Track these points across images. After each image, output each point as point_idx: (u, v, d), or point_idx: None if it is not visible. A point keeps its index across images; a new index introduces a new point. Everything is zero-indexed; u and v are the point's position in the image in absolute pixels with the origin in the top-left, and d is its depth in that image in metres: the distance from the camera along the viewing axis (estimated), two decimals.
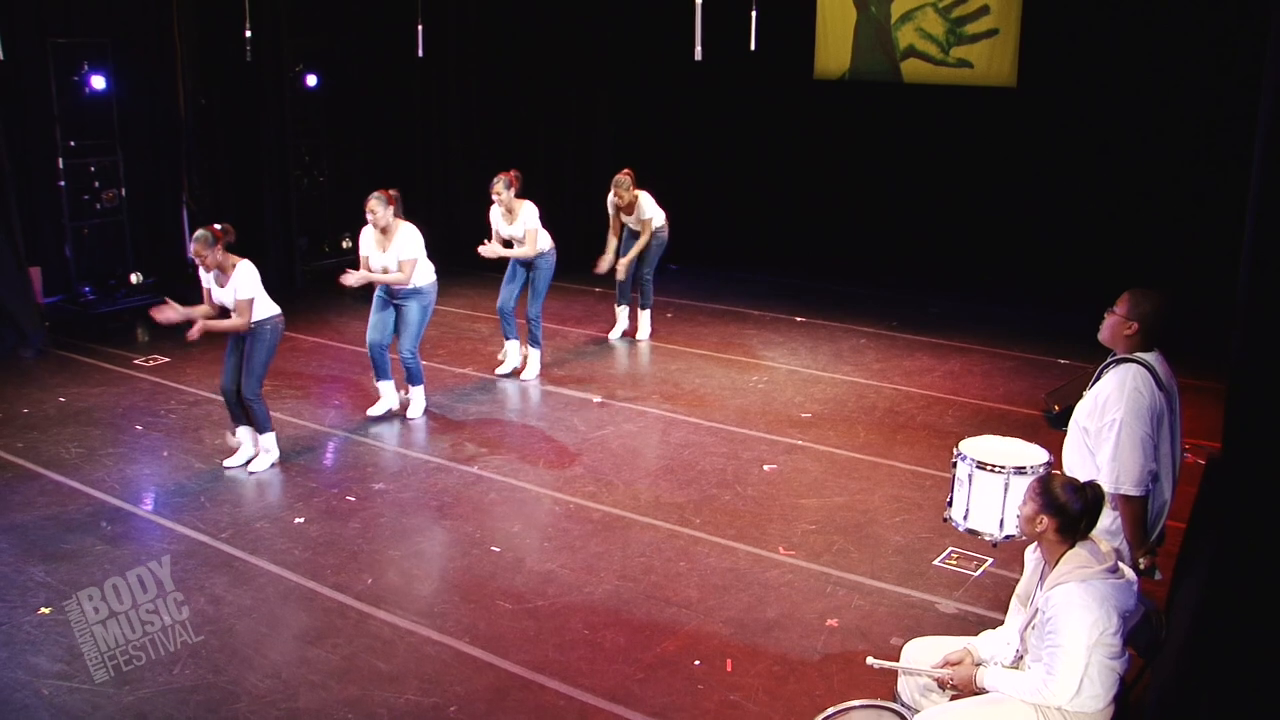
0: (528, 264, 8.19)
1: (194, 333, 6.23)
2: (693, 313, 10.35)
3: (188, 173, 11.14)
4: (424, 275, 7.28)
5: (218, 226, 6.23)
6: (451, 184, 12.46)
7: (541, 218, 8.12)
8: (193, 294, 6.30)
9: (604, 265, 9.09)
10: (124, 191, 10.79)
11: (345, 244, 11.74)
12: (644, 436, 7.21)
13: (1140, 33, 9.76)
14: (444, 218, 11.93)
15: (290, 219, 11.40)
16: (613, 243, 9.11)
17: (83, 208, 10.55)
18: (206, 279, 6.32)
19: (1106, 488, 3.69)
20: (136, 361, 8.73)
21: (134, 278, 10.73)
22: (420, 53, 9.16)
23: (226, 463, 6.62)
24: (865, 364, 8.78)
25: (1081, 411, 3.89)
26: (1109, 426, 3.73)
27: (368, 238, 7.21)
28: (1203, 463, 5.67)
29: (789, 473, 6.58)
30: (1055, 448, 4.25)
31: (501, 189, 7.95)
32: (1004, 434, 7.04)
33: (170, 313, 6.23)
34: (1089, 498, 3.35)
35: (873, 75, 11.32)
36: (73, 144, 10.36)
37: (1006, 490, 4.07)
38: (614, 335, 9.50)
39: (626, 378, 8.44)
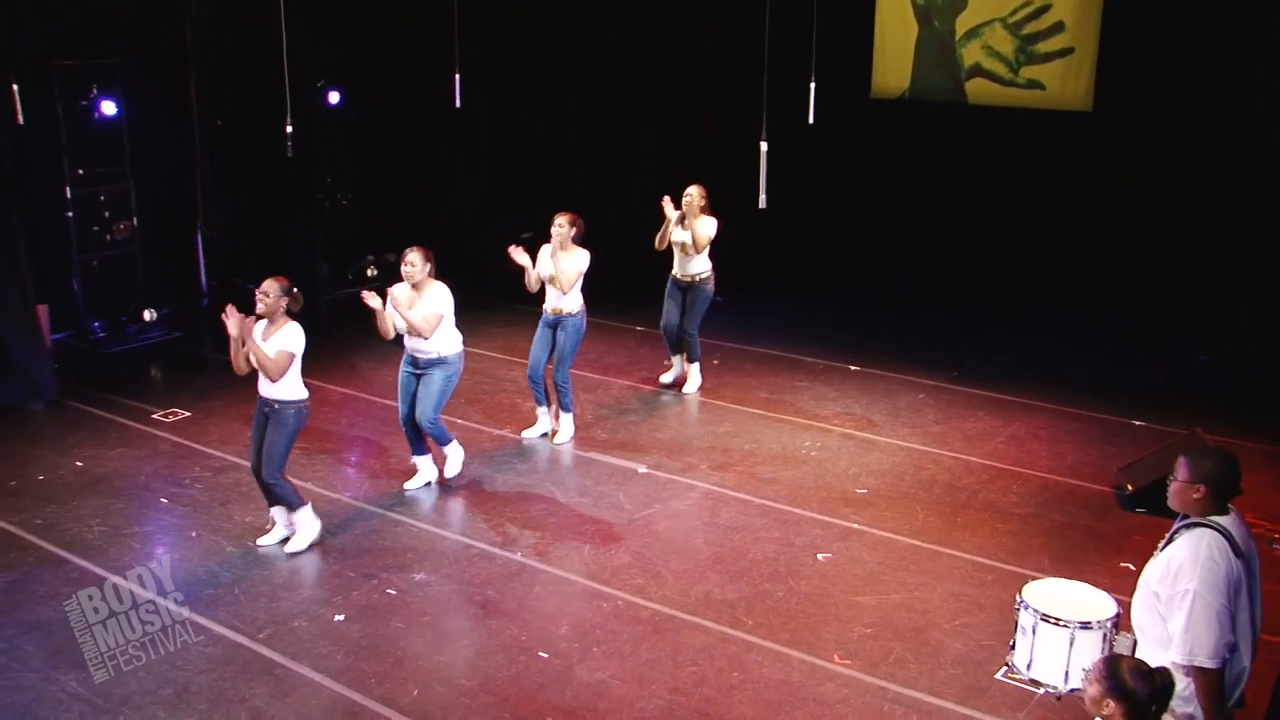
0: (555, 325, 8.59)
1: (233, 326, 6.63)
2: (740, 358, 10.69)
3: (203, 199, 11.59)
4: (450, 343, 7.66)
5: (290, 284, 6.74)
6: (483, 210, 12.84)
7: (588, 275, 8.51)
8: (204, 331, 6.48)
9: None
10: (136, 221, 11.22)
11: (370, 271, 12.16)
12: (692, 517, 7.58)
13: (1229, 53, 9.84)
14: (473, 246, 12.30)
15: (313, 245, 11.78)
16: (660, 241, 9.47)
17: (92, 239, 10.99)
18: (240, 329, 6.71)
19: (1179, 659, 3.96)
20: (155, 416, 9.19)
21: (148, 314, 11.17)
22: (458, 103, 9.52)
23: (260, 541, 7.06)
24: (924, 425, 9.09)
25: (1152, 574, 4.14)
26: (1182, 596, 3.95)
27: (399, 293, 7.60)
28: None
29: (844, 564, 6.94)
30: (1128, 532, 4.52)
31: (565, 225, 8.39)
32: (1071, 515, 7.46)
33: (234, 320, 6.65)
34: (1158, 684, 3.60)
35: (934, 95, 11.58)
36: (81, 173, 10.76)
37: (1072, 644, 4.40)
38: (666, 378, 9.92)
39: (672, 443, 8.79)
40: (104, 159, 10.92)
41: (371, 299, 7.42)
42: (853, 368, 10.43)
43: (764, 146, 6.71)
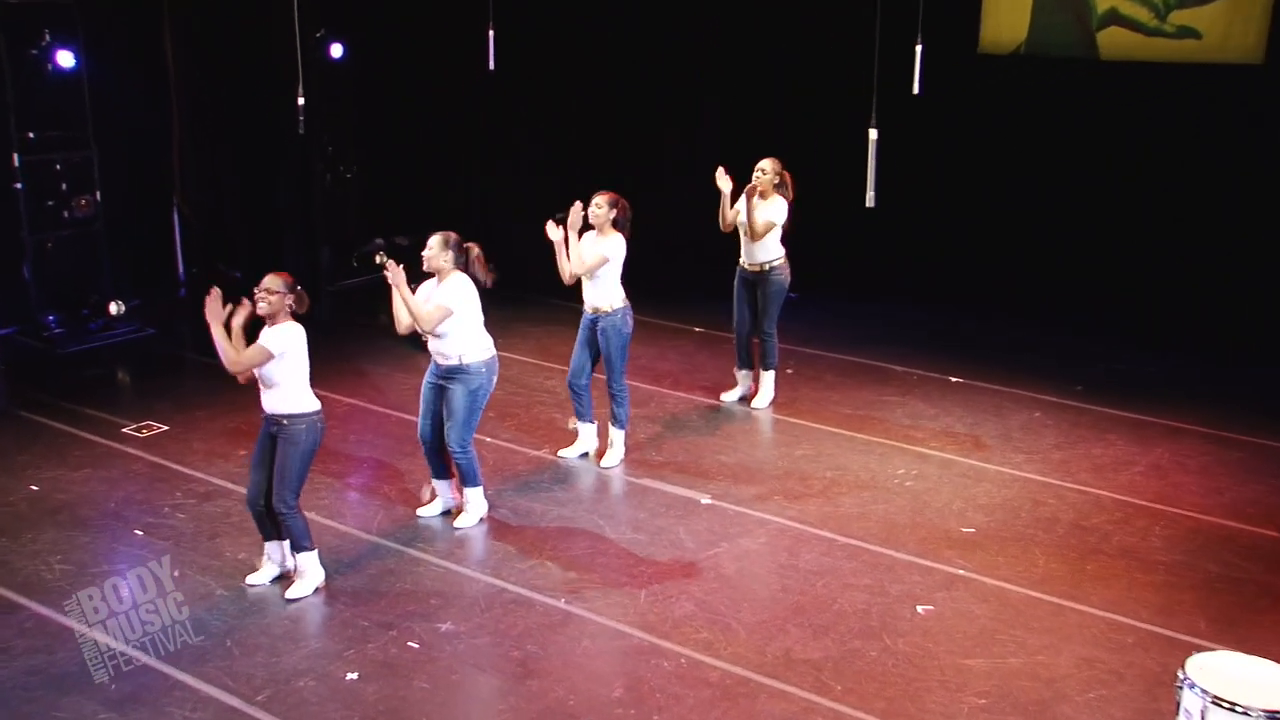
0: (595, 325, 8.68)
1: (211, 311, 6.76)
2: (820, 366, 10.74)
3: (180, 169, 11.78)
4: (472, 348, 7.69)
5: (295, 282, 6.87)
6: (514, 187, 12.95)
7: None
8: (182, 327, 6.54)
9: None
10: (99, 195, 11.39)
11: (379, 258, 12.28)
12: (766, 558, 7.63)
13: None
14: (500, 229, 12.41)
15: (311, 226, 11.95)
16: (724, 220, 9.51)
17: (46, 216, 11.17)
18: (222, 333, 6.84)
19: None
20: (126, 430, 9.35)
21: (113, 307, 11.36)
22: (491, 64, 9.64)
23: (250, 579, 7.18)
24: (1042, 451, 9.09)
25: None
26: None
27: (427, 290, 7.74)
28: None
29: (949, 618, 6.97)
30: None
31: (604, 205, 8.49)
32: (1231, 565, 7.44)
33: (216, 305, 6.78)
34: None
35: (1058, 49, 11.54)
36: (32, 136, 10.93)
37: None
38: (730, 397, 9.98)
39: (740, 467, 8.85)
40: (60, 120, 11.07)
41: (554, 231, 8.06)
42: (954, 379, 10.46)
43: (874, 134, 6.70)
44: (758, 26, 12.53)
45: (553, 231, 8.42)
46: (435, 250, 7.65)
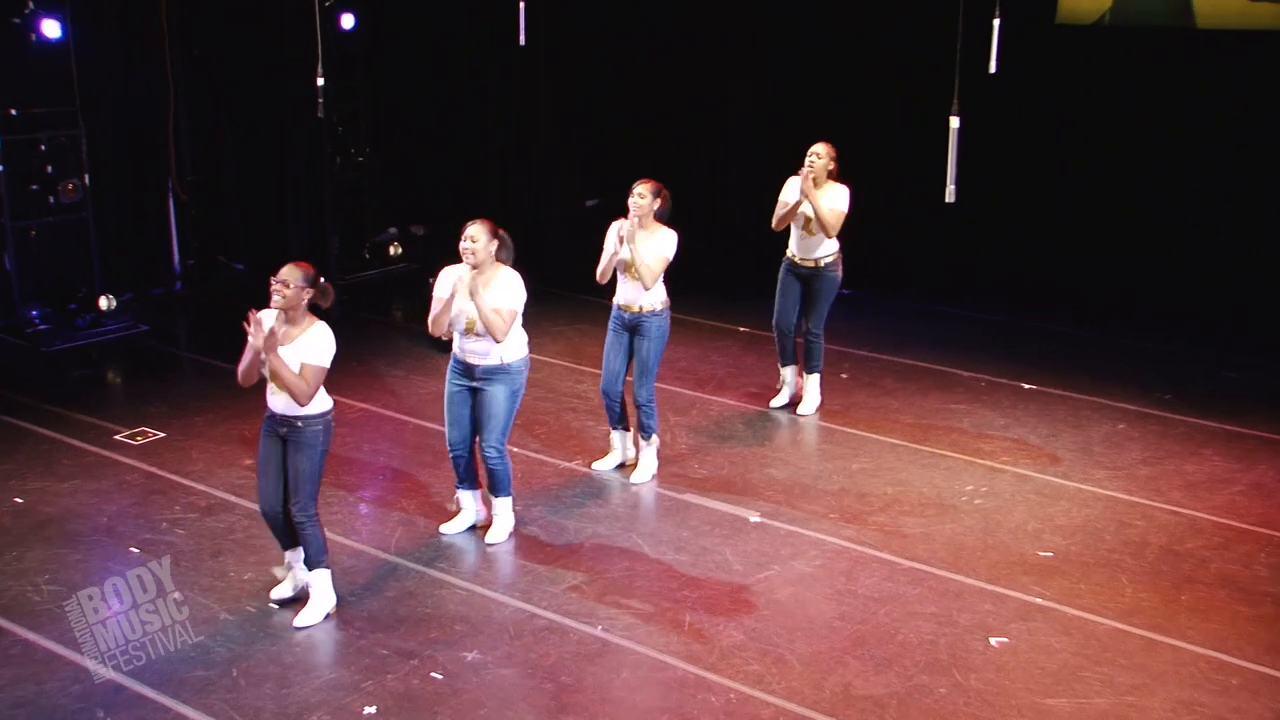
0: (633, 327, 8.67)
1: (257, 336, 6.65)
2: (876, 371, 10.69)
3: (176, 150, 11.81)
4: (515, 346, 7.73)
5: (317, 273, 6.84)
6: (542, 173, 12.95)
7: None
8: (179, 323, 6.58)
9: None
10: (87, 179, 11.39)
11: (394, 250, 12.34)
12: (822, 583, 7.57)
13: None
14: (526, 217, 12.44)
15: (321, 212, 11.94)
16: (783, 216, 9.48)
17: (30, 201, 11.18)
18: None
19: None
20: (119, 437, 9.36)
21: (104, 302, 11.39)
22: (522, 39, 9.63)
23: (275, 593, 7.19)
24: (1127, 465, 9.01)
25: None
26: None
27: (450, 278, 7.66)
28: None
29: (1026, 652, 6.87)
30: None
31: (647, 195, 8.44)
32: None
33: (259, 330, 6.69)
34: None
35: (1148, 17, 11.46)
36: (14, 113, 10.95)
37: None
38: (779, 402, 9.98)
39: (792, 483, 8.80)
40: (45, 96, 11.08)
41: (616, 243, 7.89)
42: (1026, 386, 10.38)
43: (955, 122, 6.64)
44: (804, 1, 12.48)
45: (617, 243, 8.39)
46: (482, 242, 7.55)
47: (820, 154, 9.33)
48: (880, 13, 12.25)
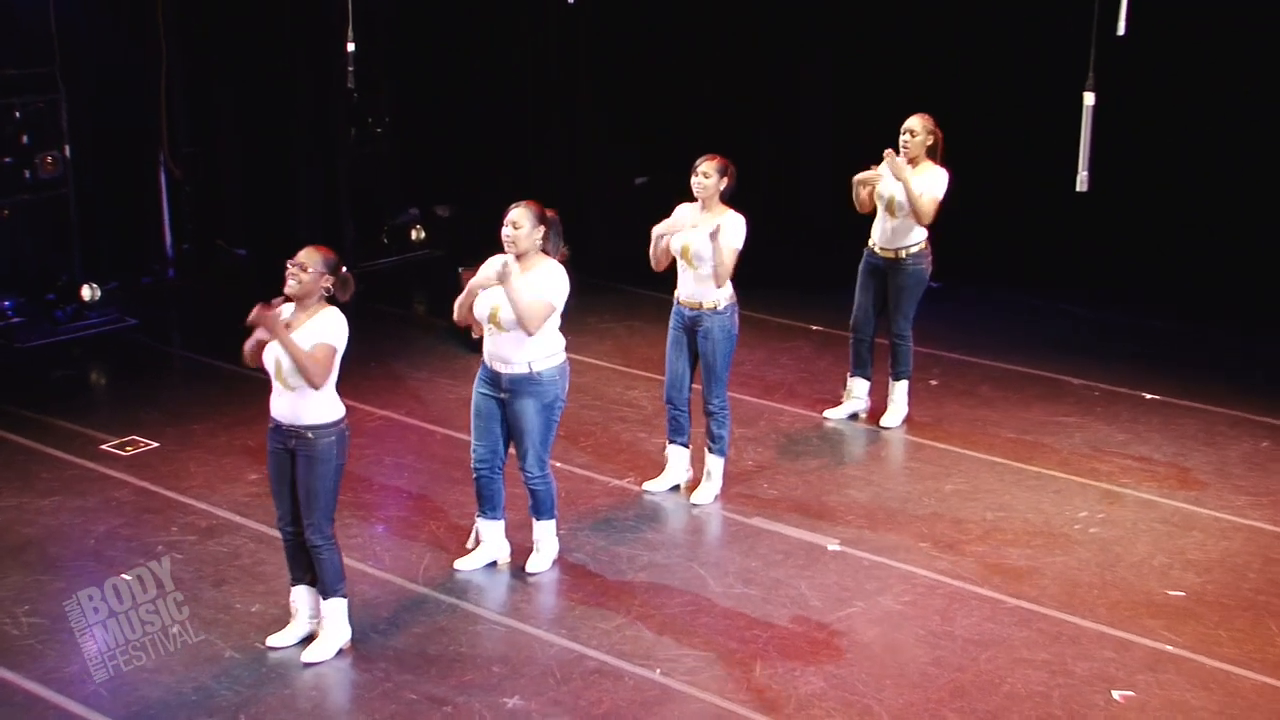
0: (692, 326, 8.60)
1: (263, 329, 6.65)
2: (971, 376, 10.62)
3: (169, 120, 11.82)
4: (545, 353, 7.58)
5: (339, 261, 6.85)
6: (586, 148, 12.93)
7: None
8: (171, 316, 6.52)
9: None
10: (68, 151, 11.44)
11: (416, 233, 12.31)
12: (913, 622, 7.47)
13: None
14: (569, 198, 12.39)
15: (335, 191, 11.94)
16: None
17: (3, 176, 11.21)
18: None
19: None
20: (106, 447, 9.36)
21: (87, 291, 11.42)
22: None
23: (273, 640, 7.11)
24: (1274, 491, 8.89)
25: None
26: None
27: (488, 269, 7.60)
28: None
29: (1158, 709, 6.73)
30: None
31: (712, 174, 8.37)
32: None
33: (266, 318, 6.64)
34: None
35: None
36: None
37: None
38: (838, 414, 9.92)
39: (875, 506, 8.73)
40: (20, 56, 11.13)
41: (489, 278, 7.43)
42: (1149, 396, 10.32)
43: (1090, 99, 6.54)
44: None
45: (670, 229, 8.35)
46: (526, 228, 7.46)
47: (915, 130, 9.26)
48: None
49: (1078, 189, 6.82)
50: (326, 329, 6.76)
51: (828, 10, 12.69)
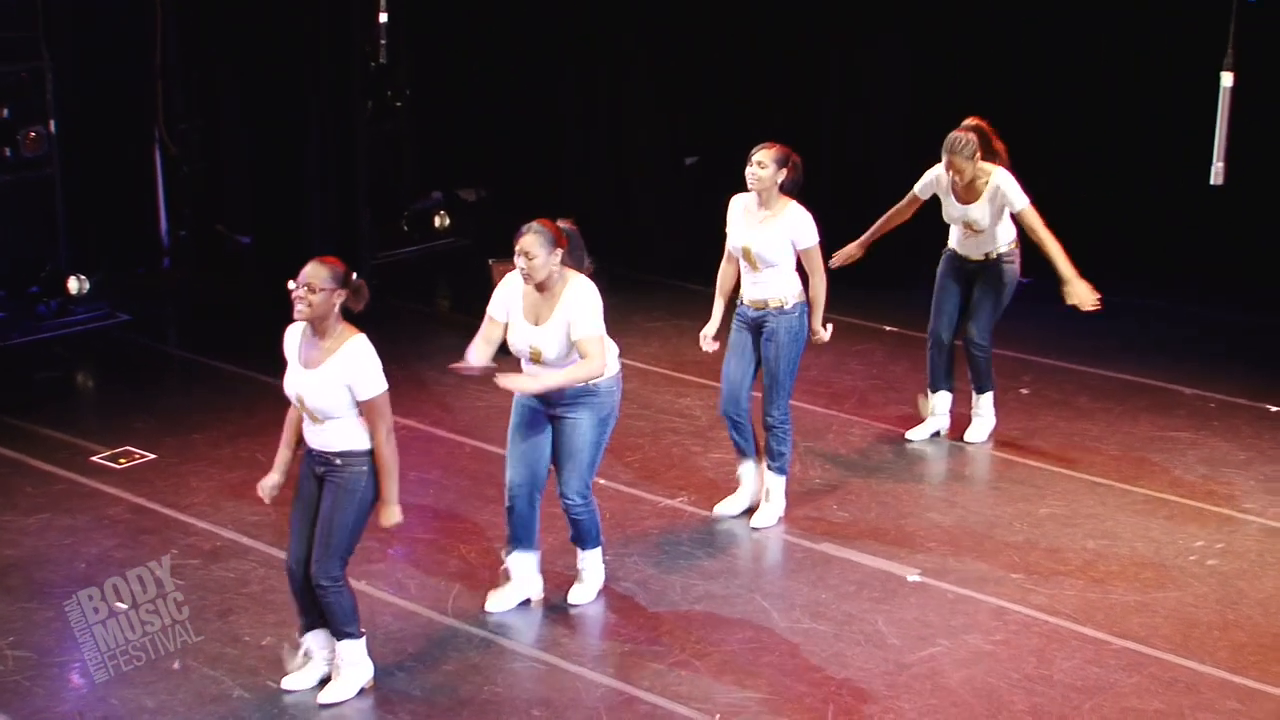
0: (757, 326, 8.66)
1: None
2: (1068, 386, 10.65)
3: (165, 95, 11.91)
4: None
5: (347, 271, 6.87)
6: (629, 128, 12.97)
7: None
8: (167, 311, 6.45)
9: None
10: (54, 127, 11.52)
11: (440, 220, 12.35)
12: (1007, 665, 7.45)
13: None
14: (612, 186, 12.45)
15: (350, 173, 11.96)
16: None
17: None
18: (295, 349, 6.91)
19: None
20: (97, 459, 9.45)
21: (74, 283, 11.51)
22: None
23: (286, 683, 7.15)
24: None
25: None
26: None
27: (509, 296, 7.61)
28: None
29: None
30: None
31: (769, 164, 8.38)
32: None
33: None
34: None
35: None
36: None
37: None
38: (919, 435, 9.94)
39: (961, 530, 8.75)
40: (1, 20, 11.19)
41: (507, 380, 7.46)
42: (1273, 408, 10.34)
43: (1228, 80, 6.54)
44: None
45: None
46: (541, 257, 7.33)
47: (957, 148, 9.13)
48: None
49: (1211, 181, 6.78)
50: (360, 376, 6.84)
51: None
